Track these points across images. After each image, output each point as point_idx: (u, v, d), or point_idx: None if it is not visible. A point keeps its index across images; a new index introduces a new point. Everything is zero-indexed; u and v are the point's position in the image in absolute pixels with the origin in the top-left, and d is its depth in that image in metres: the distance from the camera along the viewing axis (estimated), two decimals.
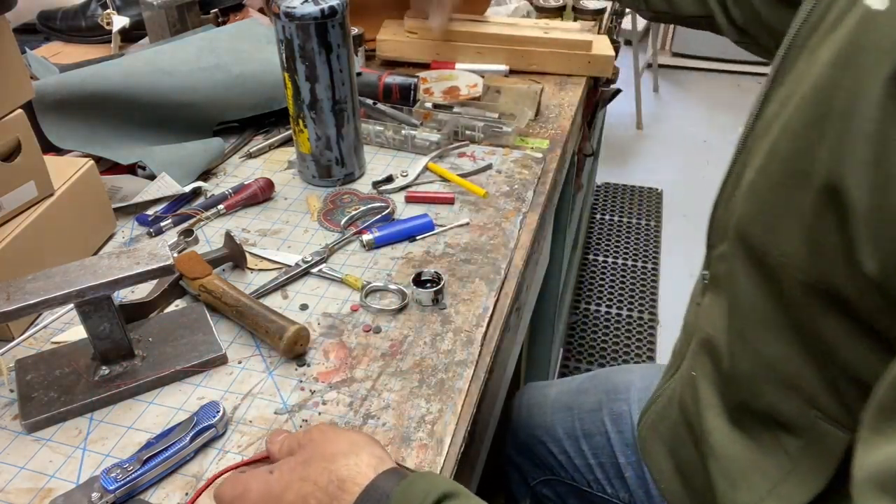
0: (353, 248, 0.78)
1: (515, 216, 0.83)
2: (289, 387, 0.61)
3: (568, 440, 0.91)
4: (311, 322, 0.68)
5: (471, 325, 0.68)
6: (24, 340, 0.67)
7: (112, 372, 0.61)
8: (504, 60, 1.13)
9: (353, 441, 0.49)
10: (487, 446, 0.84)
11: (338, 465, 0.46)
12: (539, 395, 0.99)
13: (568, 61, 1.14)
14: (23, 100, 0.68)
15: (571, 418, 0.91)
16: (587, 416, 0.90)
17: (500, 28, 1.14)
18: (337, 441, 0.49)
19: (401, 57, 1.15)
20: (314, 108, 0.83)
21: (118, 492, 0.51)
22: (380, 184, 0.88)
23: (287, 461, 0.49)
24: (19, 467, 0.55)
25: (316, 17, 0.77)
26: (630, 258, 2.47)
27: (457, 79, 1.07)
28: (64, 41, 1.28)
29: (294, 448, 0.50)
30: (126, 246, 0.79)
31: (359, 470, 0.46)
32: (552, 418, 0.93)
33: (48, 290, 0.55)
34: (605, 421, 0.88)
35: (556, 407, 0.95)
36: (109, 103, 0.88)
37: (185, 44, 0.99)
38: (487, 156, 0.95)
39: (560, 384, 1.00)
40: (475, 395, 0.61)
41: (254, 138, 0.99)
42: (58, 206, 0.72)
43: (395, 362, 0.64)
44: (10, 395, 0.61)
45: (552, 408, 0.95)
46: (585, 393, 0.93)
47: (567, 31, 1.15)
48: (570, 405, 0.93)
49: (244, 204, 0.85)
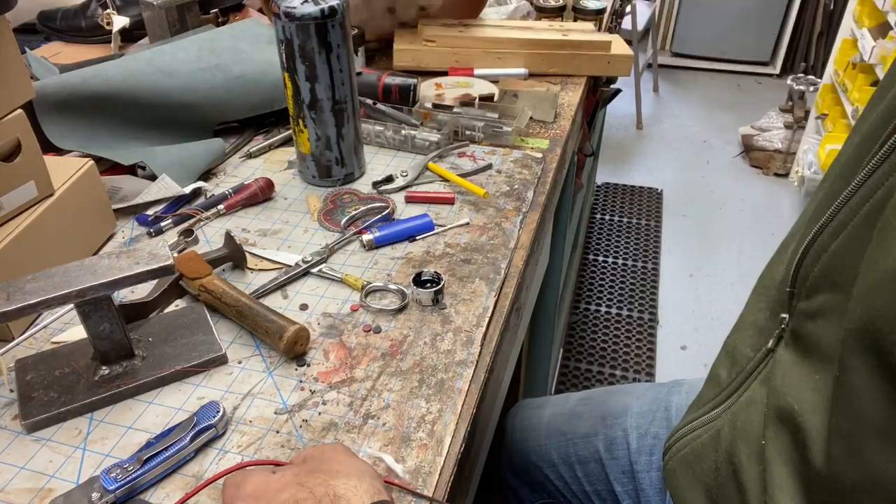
0: (353, 248, 0.78)
1: (515, 216, 0.83)
2: (289, 387, 0.61)
3: (563, 465, 0.89)
4: (311, 322, 0.68)
5: (471, 325, 0.68)
6: (24, 340, 0.67)
7: (112, 372, 0.61)
8: (523, 64, 1.14)
9: (360, 468, 0.49)
10: (487, 447, 0.84)
11: (338, 482, 0.47)
12: (533, 416, 0.97)
13: (589, 62, 1.15)
14: (23, 100, 0.68)
15: (565, 443, 0.90)
16: (581, 442, 0.88)
17: (519, 32, 1.15)
18: (345, 463, 0.49)
19: (419, 66, 1.14)
20: (314, 108, 0.83)
21: (118, 492, 0.51)
22: (380, 184, 0.88)
23: (293, 467, 0.50)
24: (19, 467, 0.55)
25: (316, 17, 0.77)
26: (630, 258, 2.47)
27: (472, 86, 1.08)
28: (64, 41, 1.28)
29: (306, 458, 0.51)
30: (126, 246, 0.79)
31: (356, 493, 0.46)
32: (546, 442, 0.92)
33: (48, 290, 0.55)
34: (600, 448, 0.86)
35: (551, 430, 0.93)
36: (109, 104, 0.88)
37: (185, 44, 0.99)
38: (487, 156, 0.95)
39: (554, 404, 0.97)
40: (475, 395, 0.61)
41: (254, 138, 0.99)
42: (58, 207, 0.72)
43: (395, 362, 0.64)
44: (10, 395, 0.61)
45: (546, 430, 0.93)
46: (579, 417, 0.91)
47: (584, 33, 1.16)
48: (564, 430, 0.91)
49: (244, 204, 0.85)
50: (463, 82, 1.09)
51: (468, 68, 1.14)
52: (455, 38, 1.13)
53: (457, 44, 1.13)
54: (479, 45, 1.13)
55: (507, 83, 1.08)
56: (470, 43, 1.13)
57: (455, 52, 1.14)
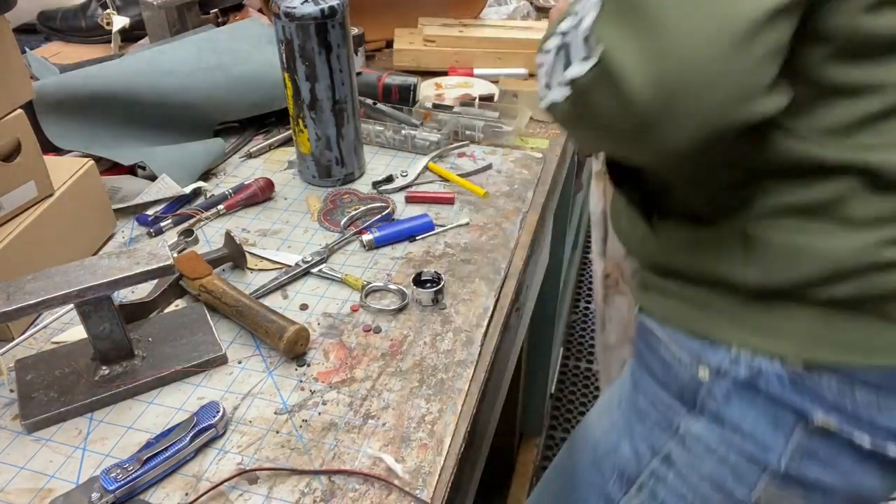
0: (353, 248, 0.78)
1: (515, 216, 0.83)
2: (289, 387, 0.61)
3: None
4: (311, 322, 0.68)
5: (471, 325, 0.68)
6: (24, 340, 0.67)
7: (112, 372, 0.61)
8: (523, 64, 1.14)
9: None
10: (488, 446, 0.84)
11: None
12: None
13: None
14: (23, 100, 0.68)
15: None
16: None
17: (519, 32, 1.15)
18: None
19: (419, 66, 1.15)
20: (314, 108, 0.83)
21: (118, 492, 0.51)
22: (380, 184, 0.88)
23: None
24: (19, 467, 0.55)
25: (316, 17, 0.77)
26: None
27: (472, 86, 1.08)
28: (64, 41, 1.28)
29: None
30: (126, 246, 0.79)
31: None
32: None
33: (48, 290, 0.55)
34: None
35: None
36: (110, 104, 0.88)
37: (185, 44, 0.99)
38: (487, 156, 0.95)
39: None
40: (475, 395, 0.61)
41: (254, 138, 0.99)
42: (58, 206, 0.72)
43: (395, 362, 0.64)
44: (10, 395, 0.61)
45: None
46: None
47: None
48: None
49: (244, 204, 0.85)
50: (463, 82, 1.09)
51: (468, 68, 1.14)
52: (455, 38, 1.13)
53: (457, 44, 1.13)
54: (479, 45, 1.13)
55: (507, 83, 1.08)
56: (470, 43, 1.13)
57: (455, 52, 1.14)
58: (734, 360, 0.57)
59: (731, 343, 0.57)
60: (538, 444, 1.72)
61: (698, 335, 0.59)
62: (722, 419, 0.59)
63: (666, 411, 0.63)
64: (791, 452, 0.57)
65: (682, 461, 0.62)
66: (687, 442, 0.61)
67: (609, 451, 0.68)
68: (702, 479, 0.62)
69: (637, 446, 0.65)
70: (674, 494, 0.63)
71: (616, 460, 0.67)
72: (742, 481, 0.60)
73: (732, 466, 0.60)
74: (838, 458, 0.57)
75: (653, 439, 0.64)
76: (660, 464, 0.64)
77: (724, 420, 0.59)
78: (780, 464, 0.58)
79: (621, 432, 0.67)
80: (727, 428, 0.59)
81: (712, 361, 0.58)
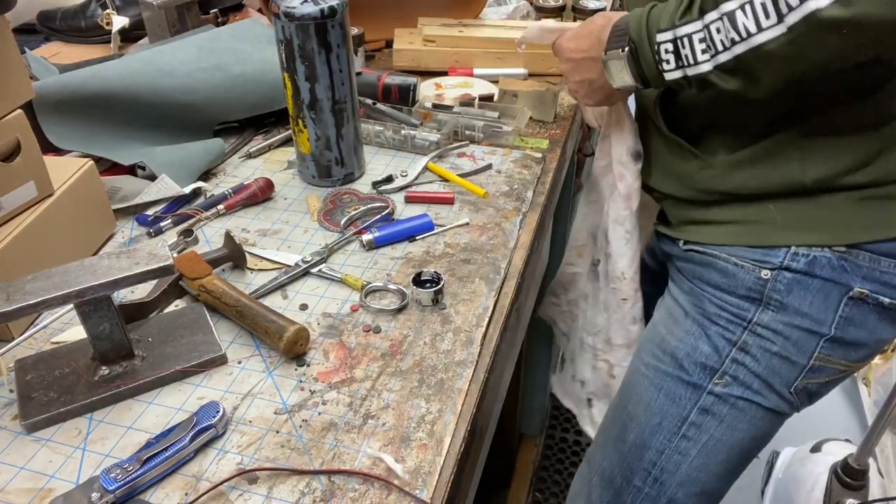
0: (353, 248, 0.78)
1: (515, 216, 0.83)
2: (288, 387, 0.61)
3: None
4: (311, 322, 0.68)
5: (471, 325, 0.68)
6: (24, 340, 0.67)
7: (112, 372, 0.61)
8: (523, 64, 1.14)
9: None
10: (487, 446, 0.84)
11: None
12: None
13: None
14: (23, 100, 0.68)
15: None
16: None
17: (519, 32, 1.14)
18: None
19: (418, 66, 1.15)
20: (314, 108, 0.83)
21: (118, 492, 0.51)
22: (380, 184, 0.88)
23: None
24: (19, 467, 0.55)
25: (316, 17, 0.77)
26: None
27: (472, 86, 1.08)
28: (64, 41, 1.28)
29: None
30: (126, 246, 0.79)
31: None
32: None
33: (48, 290, 0.55)
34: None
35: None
36: (109, 104, 0.88)
37: (185, 44, 0.98)
38: (487, 156, 0.95)
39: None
40: (475, 395, 0.61)
41: (253, 138, 0.99)
42: (58, 206, 0.72)
43: (395, 362, 0.64)
44: (10, 395, 0.61)
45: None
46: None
47: None
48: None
49: (244, 204, 0.85)
50: (463, 82, 1.09)
51: (468, 68, 1.14)
52: (455, 38, 1.13)
53: (457, 44, 1.13)
54: (479, 45, 1.13)
55: (507, 83, 1.08)
56: (470, 43, 1.13)
57: (455, 52, 1.14)
58: (793, 256, 0.72)
59: (791, 244, 0.72)
60: (538, 444, 1.72)
61: (758, 246, 0.74)
62: (785, 306, 0.74)
63: (736, 310, 0.76)
64: (838, 321, 0.73)
65: (755, 346, 0.77)
66: (758, 331, 0.76)
67: (689, 352, 0.81)
68: (772, 356, 0.76)
69: (716, 342, 0.79)
70: (750, 373, 0.78)
71: (697, 357, 0.80)
72: (803, 351, 0.75)
73: (795, 341, 0.75)
74: (868, 317, 0.74)
75: (728, 334, 0.78)
76: (737, 352, 0.77)
77: (787, 307, 0.74)
78: (831, 331, 0.74)
79: (697, 336, 0.80)
80: (789, 312, 0.74)
81: (774, 262, 0.73)
